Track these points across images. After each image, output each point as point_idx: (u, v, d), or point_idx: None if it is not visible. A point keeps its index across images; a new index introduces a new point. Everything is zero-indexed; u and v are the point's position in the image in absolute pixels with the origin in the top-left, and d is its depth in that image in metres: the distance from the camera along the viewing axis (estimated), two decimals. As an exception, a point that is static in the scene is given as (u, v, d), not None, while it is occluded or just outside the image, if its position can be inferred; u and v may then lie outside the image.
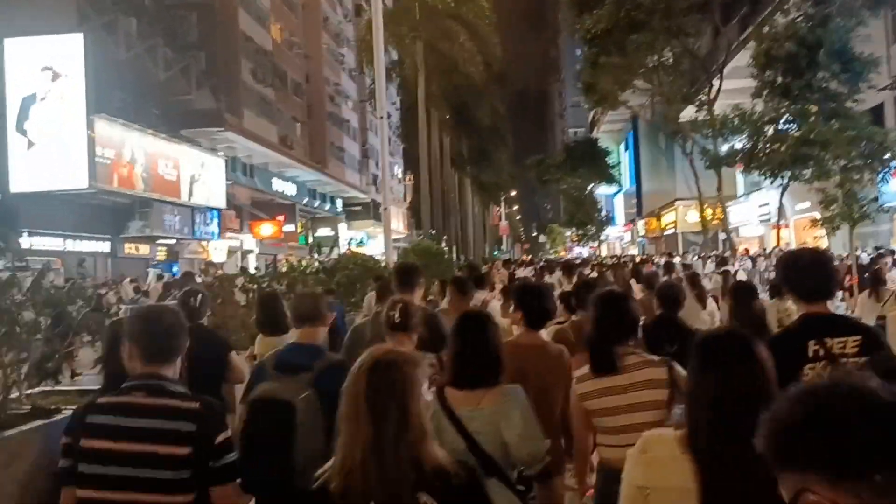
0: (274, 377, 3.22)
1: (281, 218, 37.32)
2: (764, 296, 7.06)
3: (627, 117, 54.73)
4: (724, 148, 18.05)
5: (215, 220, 30.04)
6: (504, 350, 3.00)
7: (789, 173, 14.72)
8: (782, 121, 15.30)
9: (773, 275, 12.05)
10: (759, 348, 1.93)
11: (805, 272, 2.83)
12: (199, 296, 4.41)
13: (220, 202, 29.76)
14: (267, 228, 35.99)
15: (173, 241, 29.01)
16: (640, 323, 3.39)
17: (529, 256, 48.45)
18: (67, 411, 5.74)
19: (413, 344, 3.49)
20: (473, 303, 6.40)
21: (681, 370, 2.77)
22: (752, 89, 16.94)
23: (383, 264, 11.48)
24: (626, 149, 57.68)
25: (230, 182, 32.29)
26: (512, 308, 4.38)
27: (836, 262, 11.66)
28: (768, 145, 14.99)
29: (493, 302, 6.94)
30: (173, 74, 28.62)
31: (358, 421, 1.83)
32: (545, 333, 4.21)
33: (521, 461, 2.83)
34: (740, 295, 4.94)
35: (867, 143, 12.55)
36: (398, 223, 61.13)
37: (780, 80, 15.02)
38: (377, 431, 1.80)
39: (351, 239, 42.82)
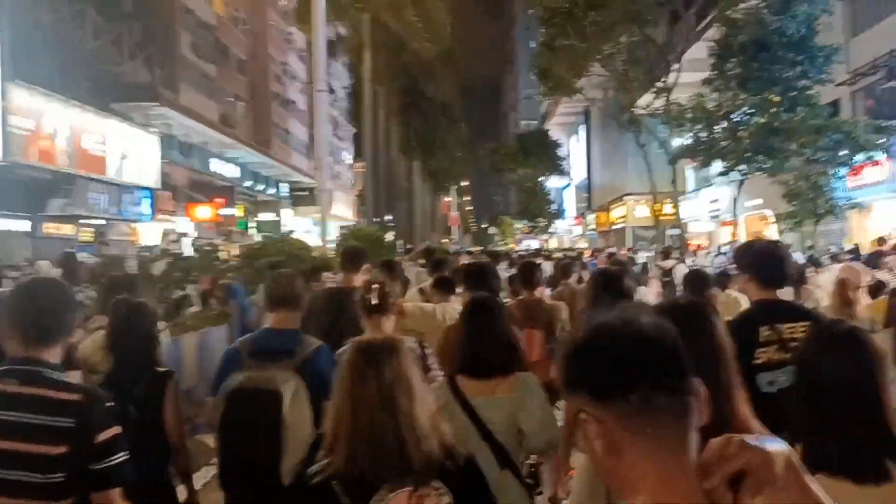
0: (252, 365, 3.05)
1: (220, 201, 35.63)
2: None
3: (580, 110, 54.56)
4: (678, 141, 17.41)
5: (147, 201, 28.27)
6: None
7: (745, 167, 14.05)
8: (739, 112, 14.65)
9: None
10: (713, 315, 1.92)
11: (762, 260, 3.00)
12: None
13: (153, 181, 28.06)
14: (204, 211, 34.28)
15: (101, 222, 27.23)
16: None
17: (480, 248, 47.86)
18: None
19: (391, 326, 3.44)
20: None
21: None
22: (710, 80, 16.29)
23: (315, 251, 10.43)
24: (578, 141, 57.49)
25: (165, 161, 30.62)
26: (462, 289, 4.65)
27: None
28: (725, 137, 14.30)
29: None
30: (103, 43, 26.79)
31: (353, 408, 1.81)
32: None
33: (538, 450, 2.79)
34: (694, 283, 5.09)
35: (833, 135, 11.87)
36: (346, 210, 59.74)
37: (737, 70, 14.39)
38: (374, 417, 1.78)
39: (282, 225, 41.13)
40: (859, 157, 12.38)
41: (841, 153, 11.91)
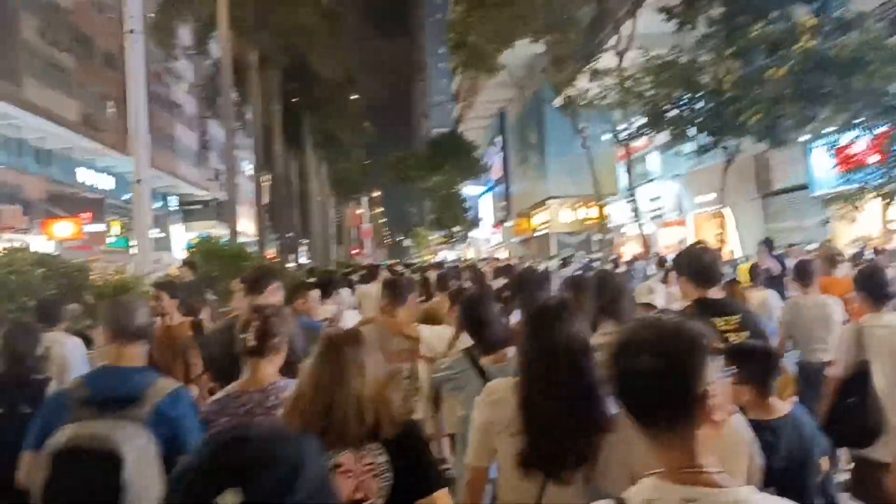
0: (84, 415, 2.44)
1: (86, 216, 30.44)
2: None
3: (494, 112, 51.68)
4: (623, 125, 14.06)
5: (-21, 216, 23.15)
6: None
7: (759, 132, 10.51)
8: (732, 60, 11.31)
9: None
10: (574, 316, 2.39)
11: (694, 263, 3.51)
12: None
13: (-14, 193, 22.98)
14: (64, 228, 29.04)
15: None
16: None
17: (396, 261, 44.18)
18: None
19: (275, 369, 2.79)
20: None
21: None
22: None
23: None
24: (493, 144, 54.66)
25: (11, 168, 25.68)
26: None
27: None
28: (714, 104, 10.88)
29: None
30: None
31: (311, 386, 2.18)
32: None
33: None
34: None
35: None
36: (249, 224, 54.60)
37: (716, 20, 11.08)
38: (324, 394, 2.14)
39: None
40: None
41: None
